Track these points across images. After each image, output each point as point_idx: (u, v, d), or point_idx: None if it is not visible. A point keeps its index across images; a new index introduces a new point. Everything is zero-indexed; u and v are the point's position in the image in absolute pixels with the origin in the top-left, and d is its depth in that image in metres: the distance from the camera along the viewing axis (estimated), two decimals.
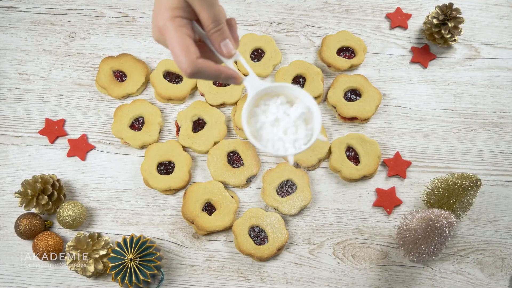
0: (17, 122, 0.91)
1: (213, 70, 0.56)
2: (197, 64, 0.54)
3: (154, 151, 0.87)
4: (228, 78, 0.57)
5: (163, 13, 0.55)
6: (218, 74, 0.57)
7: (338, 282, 0.83)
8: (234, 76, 0.58)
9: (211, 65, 0.56)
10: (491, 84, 0.95)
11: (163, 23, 0.55)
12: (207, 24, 0.55)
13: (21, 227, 0.81)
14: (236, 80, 0.58)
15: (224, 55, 0.58)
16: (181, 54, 0.54)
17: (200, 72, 0.55)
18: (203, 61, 0.55)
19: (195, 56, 0.54)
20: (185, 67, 0.54)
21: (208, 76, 0.56)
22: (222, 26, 0.56)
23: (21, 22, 0.98)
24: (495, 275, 0.83)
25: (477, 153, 0.90)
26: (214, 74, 0.56)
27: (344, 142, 0.88)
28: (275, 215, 0.84)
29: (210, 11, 0.55)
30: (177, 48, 0.54)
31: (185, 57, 0.54)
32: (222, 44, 0.57)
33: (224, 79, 0.57)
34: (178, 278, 0.83)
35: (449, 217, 0.73)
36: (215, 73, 0.56)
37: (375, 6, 1.00)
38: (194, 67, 0.54)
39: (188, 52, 0.54)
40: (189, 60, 0.54)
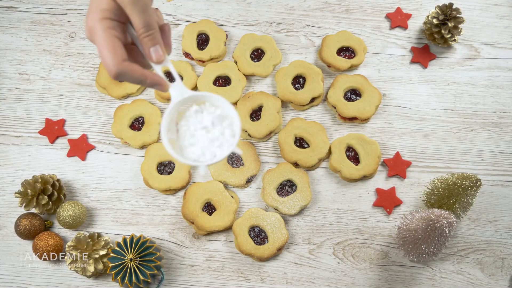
0: (17, 122, 0.91)
1: (139, 74, 0.56)
2: (122, 66, 0.54)
3: (154, 151, 0.87)
4: (153, 84, 0.57)
5: (94, 14, 0.55)
6: (144, 79, 0.56)
7: (338, 282, 0.83)
8: (160, 82, 0.58)
9: (137, 69, 0.56)
10: (491, 84, 0.95)
11: (92, 23, 0.55)
12: (137, 28, 0.56)
13: (21, 227, 0.81)
14: (162, 87, 0.58)
15: (153, 60, 0.57)
16: (107, 55, 0.54)
17: (125, 74, 0.55)
18: (129, 64, 0.55)
19: (121, 58, 0.54)
20: (111, 67, 0.54)
21: (133, 80, 0.56)
22: (153, 32, 0.56)
23: (21, 22, 0.98)
24: (495, 275, 0.83)
25: (477, 153, 0.90)
26: (140, 78, 0.56)
27: (344, 142, 0.88)
28: (275, 215, 0.84)
29: (141, 16, 0.55)
30: (104, 49, 0.54)
31: (111, 58, 0.54)
32: (152, 50, 0.57)
33: (150, 85, 0.57)
34: (178, 278, 0.83)
35: (449, 217, 0.73)
36: (141, 77, 0.56)
37: (375, 6, 1.00)
38: (119, 69, 0.54)
39: (114, 54, 0.54)
40: (114, 61, 0.54)
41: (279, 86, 0.92)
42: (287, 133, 0.89)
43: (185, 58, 0.96)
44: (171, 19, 0.99)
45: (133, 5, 0.54)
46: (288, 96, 0.91)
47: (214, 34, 0.95)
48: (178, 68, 0.93)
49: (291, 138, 0.88)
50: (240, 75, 0.93)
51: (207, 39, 0.95)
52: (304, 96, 0.91)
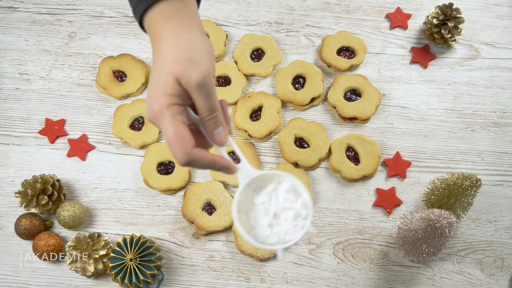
0: (17, 122, 0.91)
1: (208, 161, 0.55)
2: (192, 154, 0.53)
3: (154, 151, 0.87)
4: (222, 168, 0.57)
5: (160, 99, 0.53)
6: (213, 165, 0.56)
7: (338, 282, 0.83)
8: (229, 166, 0.57)
9: (206, 155, 0.55)
10: (491, 84, 0.95)
11: (159, 109, 0.53)
12: (202, 112, 0.55)
13: (21, 227, 0.81)
14: (230, 170, 0.58)
15: (217, 143, 0.57)
16: (176, 144, 0.53)
17: (195, 162, 0.54)
18: (199, 150, 0.54)
19: (190, 146, 0.53)
20: (180, 157, 0.53)
21: (202, 166, 0.55)
22: (217, 114, 0.55)
23: (21, 22, 0.98)
24: (495, 275, 0.83)
25: (477, 153, 0.90)
26: (209, 164, 0.56)
27: (344, 142, 0.88)
28: None
29: (207, 100, 0.54)
30: (172, 137, 0.53)
31: (180, 147, 0.53)
32: (215, 132, 0.56)
33: (218, 169, 0.57)
34: (178, 278, 0.83)
35: (449, 217, 0.73)
36: (210, 163, 0.56)
37: (375, 6, 1.00)
38: (189, 158, 0.53)
39: (183, 142, 0.53)
40: (184, 151, 0.53)
41: (279, 86, 0.92)
42: (287, 133, 0.89)
43: None
44: None
45: (200, 90, 0.53)
46: (288, 96, 0.91)
47: (214, 34, 0.95)
48: None
49: (291, 138, 0.88)
50: (240, 75, 0.93)
51: None
52: (304, 96, 0.91)
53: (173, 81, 0.53)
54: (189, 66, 0.52)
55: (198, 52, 0.54)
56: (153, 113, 0.54)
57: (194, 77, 0.52)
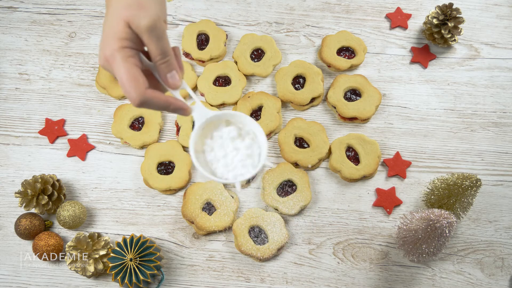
0: (17, 122, 0.91)
1: (162, 101, 0.57)
2: (146, 94, 0.55)
3: (154, 151, 0.87)
4: (176, 109, 0.58)
5: (111, 43, 0.55)
6: (167, 105, 0.57)
7: (338, 282, 0.83)
8: (183, 107, 0.59)
9: (160, 96, 0.56)
10: (491, 84, 0.95)
11: (111, 53, 0.55)
12: (154, 55, 0.56)
13: (21, 227, 0.81)
14: (185, 111, 0.59)
15: (171, 86, 0.59)
16: (130, 84, 0.54)
17: (149, 102, 0.55)
18: (152, 91, 0.56)
19: (144, 86, 0.55)
20: (134, 97, 0.54)
21: (156, 107, 0.57)
22: (169, 58, 0.57)
23: (21, 22, 0.98)
24: (495, 275, 0.83)
25: (477, 153, 0.90)
26: (163, 105, 0.57)
27: (344, 142, 0.88)
28: (275, 215, 0.84)
29: (158, 44, 0.55)
30: (125, 79, 0.54)
31: (134, 88, 0.54)
32: (169, 76, 0.58)
33: (173, 110, 0.58)
34: (178, 278, 0.83)
35: (449, 217, 0.73)
36: (164, 104, 0.57)
37: (375, 6, 1.00)
38: (143, 98, 0.55)
39: (137, 83, 0.54)
40: (138, 91, 0.54)
41: (279, 86, 0.92)
42: (287, 133, 0.89)
43: (185, 58, 0.96)
44: (171, 19, 0.99)
45: (150, 33, 0.54)
46: (288, 96, 0.91)
47: (214, 34, 0.95)
48: None
49: (291, 138, 0.88)
50: (240, 75, 0.93)
51: (207, 39, 0.95)
52: (304, 96, 0.91)
53: (123, 25, 0.54)
54: (139, 11, 0.54)
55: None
56: (105, 57, 0.55)
57: (143, 21, 0.54)
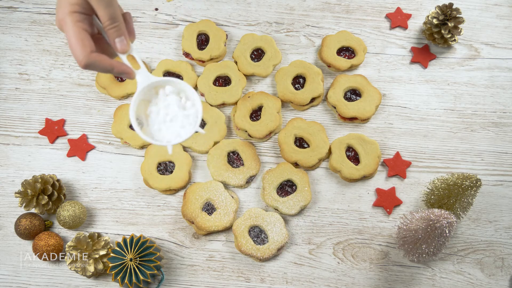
0: (17, 122, 0.91)
1: (107, 64, 0.61)
2: (91, 57, 0.59)
3: (154, 151, 0.87)
4: (120, 72, 0.62)
5: (63, 7, 0.59)
6: (111, 68, 0.61)
7: (338, 282, 0.83)
8: (127, 71, 0.62)
9: (105, 59, 0.60)
10: (491, 84, 0.95)
11: (62, 16, 0.59)
12: (103, 21, 0.60)
13: (21, 227, 0.81)
14: (129, 74, 0.63)
15: (118, 50, 0.62)
16: (77, 47, 0.58)
17: (94, 64, 0.59)
18: (97, 55, 0.60)
19: (89, 49, 0.59)
20: (80, 59, 0.59)
21: (101, 69, 0.61)
22: (118, 24, 0.61)
23: (21, 22, 0.98)
24: (495, 275, 0.83)
25: (477, 153, 0.90)
26: (107, 67, 0.61)
27: (344, 142, 0.88)
28: (275, 215, 0.84)
29: (107, 10, 0.59)
30: (73, 41, 0.58)
31: (80, 50, 0.58)
32: (117, 40, 0.62)
33: (117, 73, 0.62)
34: (178, 278, 0.83)
35: (449, 217, 0.73)
36: (108, 67, 0.61)
37: (375, 6, 1.00)
38: (88, 60, 0.59)
39: (83, 46, 0.58)
40: (83, 53, 0.58)
41: (279, 86, 0.92)
42: (287, 133, 0.89)
43: (185, 58, 0.96)
44: (171, 19, 0.99)
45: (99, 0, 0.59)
46: (288, 96, 0.91)
47: (214, 34, 0.95)
48: (178, 68, 0.93)
49: (291, 138, 0.88)
50: (240, 75, 0.93)
51: (207, 39, 0.95)
52: (304, 96, 0.91)
53: None
54: None
55: None
56: (58, 20, 0.60)
57: None
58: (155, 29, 0.98)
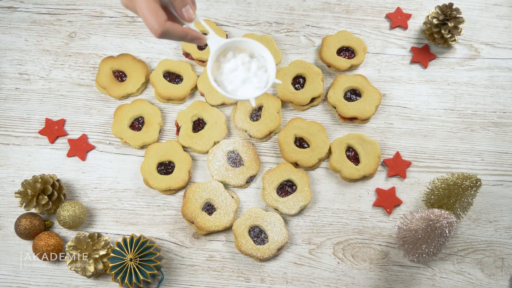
0: (17, 122, 0.91)
1: (180, 31, 0.63)
2: (166, 25, 0.61)
3: (154, 151, 0.87)
4: (193, 38, 0.65)
5: None
6: (185, 35, 0.64)
7: (338, 282, 0.83)
8: (199, 36, 0.66)
9: (178, 27, 0.63)
10: (491, 84, 0.95)
11: None
12: None
13: (21, 227, 0.81)
14: (200, 40, 0.66)
15: (185, 19, 0.66)
16: (151, 17, 0.61)
17: (169, 32, 0.62)
18: (171, 23, 0.62)
19: (163, 18, 0.61)
20: (156, 28, 0.61)
21: (176, 37, 0.63)
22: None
23: (21, 22, 0.98)
24: (495, 275, 0.83)
25: (477, 153, 0.90)
26: (181, 35, 0.64)
27: (344, 142, 0.88)
28: (275, 215, 0.84)
29: None
30: (147, 12, 0.61)
31: (155, 20, 0.61)
32: (184, 10, 0.65)
33: (190, 40, 0.65)
34: (178, 278, 0.83)
35: (449, 217, 0.73)
36: (182, 34, 0.64)
37: (375, 6, 1.00)
38: (164, 28, 0.61)
39: (157, 15, 0.61)
40: (159, 22, 0.61)
41: (279, 86, 0.92)
42: (287, 133, 0.89)
43: (185, 58, 0.96)
44: None
45: None
46: (288, 96, 0.91)
47: None
48: (178, 68, 0.93)
49: (291, 138, 0.88)
50: None
51: None
52: (304, 96, 0.91)
53: None
54: None
55: None
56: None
57: None
58: None
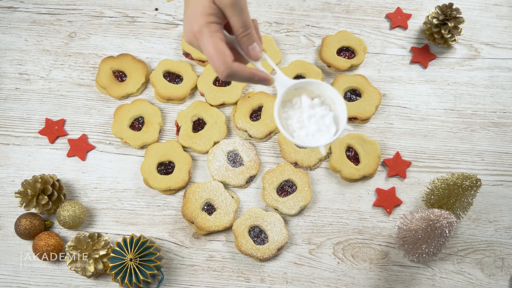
0: (17, 122, 0.91)
1: (247, 73, 0.60)
2: (232, 67, 0.58)
3: (154, 151, 0.87)
4: (261, 79, 0.61)
5: (198, 19, 0.58)
6: (252, 76, 0.60)
7: (338, 282, 0.83)
8: (266, 77, 0.62)
9: (245, 68, 0.59)
10: (491, 84, 0.95)
11: (199, 28, 0.58)
12: (237, 29, 0.59)
13: (21, 227, 0.81)
14: (268, 81, 0.62)
15: (252, 57, 0.62)
16: (217, 58, 0.57)
17: (235, 74, 0.59)
18: (238, 64, 0.59)
19: (230, 59, 0.58)
20: (222, 70, 0.58)
21: (242, 78, 0.60)
22: (251, 30, 0.60)
23: (21, 22, 0.98)
24: (495, 275, 0.83)
25: (477, 153, 0.90)
26: (248, 76, 0.60)
27: (344, 142, 0.88)
28: (275, 215, 0.84)
29: (241, 17, 0.58)
30: (213, 53, 0.57)
31: (221, 61, 0.57)
32: (250, 48, 0.61)
33: (257, 81, 0.61)
34: (178, 278, 0.83)
35: (449, 217, 0.73)
36: (249, 76, 0.60)
37: (375, 6, 1.00)
38: (230, 70, 0.58)
39: (224, 56, 0.57)
40: (225, 64, 0.57)
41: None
42: None
43: (185, 58, 0.96)
44: (171, 19, 0.99)
45: (233, 8, 0.57)
46: None
47: None
48: (178, 68, 0.93)
49: None
50: None
51: None
52: None
53: (209, 1, 0.58)
54: None
55: None
56: (192, 32, 0.58)
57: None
58: (155, 29, 0.98)
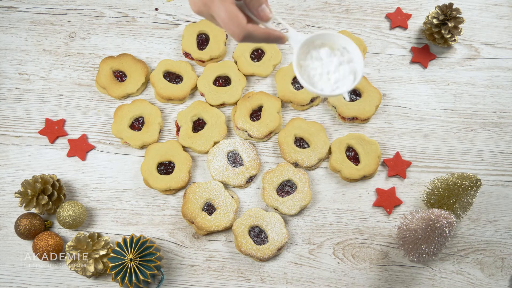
0: (17, 122, 0.91)
1: (263, 33, 0.61)
2: (247, 28, 0.59)
3: (154, 151, 0.87)
4: (276, 38, 0.62)
5: None
6: (267, 36, 0.61)
7: (338, 282, 0.83)
8: (281, 36, 0.62)
9: (260, 28, 0.60)
10: (491, 84, 0.95)
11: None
12: None
13: (21, 227, 0.81)
14: (282, 39, 0.63)
15: (262, 18, 0.63)
16: (232, 22, 0.58)
17: (251, 35, 0.60)
18: (252, 25, 0.60)
19: (244, 22, 0.59)
20: (238, 32, 0.59)
21: (258, 39, 0.61)
22: None
23: (21, 22, 0.98)
24: (495, 275, 0.83)
25: (477, 153, 0.90)
26: (264, 36, 0.61)
27: (344, 142, 0.88)
28: (275, 215, 0.84)
29: None
30: (226, 17, 0.58)
31: (236, 24, 0.58)
32: (260, 9, 0.62)
33: (273, 40, 0.62)
34: (178, 278, 0.83)
35: (449, 217, 0.73)
36: (265, 35, 0.61)
37: (375, 6, 1.00)
38: (246, 32, 0.59)
39: (237, 19, 0.58)
40: (240, 26, 0.58)
41: (279, 86, 0.92)
42: (287, 133, 0.89)
43: (185, 58, 0.96)
44: (171, 19, 0.99)
45: None
46: (288, 96, 0.91)
47: (214, 34, 0.95)
48: (178, 68, 0.93)
49: (291, 138, 0.88)
50: (240, 75, 0.93)
51: (207, 39, 0.95)
52: (304, 96, 0.91)
53: None
54: None
55: None
56: (203, 1, 0.60)
57: None
58: (155, 29, 0.98)
